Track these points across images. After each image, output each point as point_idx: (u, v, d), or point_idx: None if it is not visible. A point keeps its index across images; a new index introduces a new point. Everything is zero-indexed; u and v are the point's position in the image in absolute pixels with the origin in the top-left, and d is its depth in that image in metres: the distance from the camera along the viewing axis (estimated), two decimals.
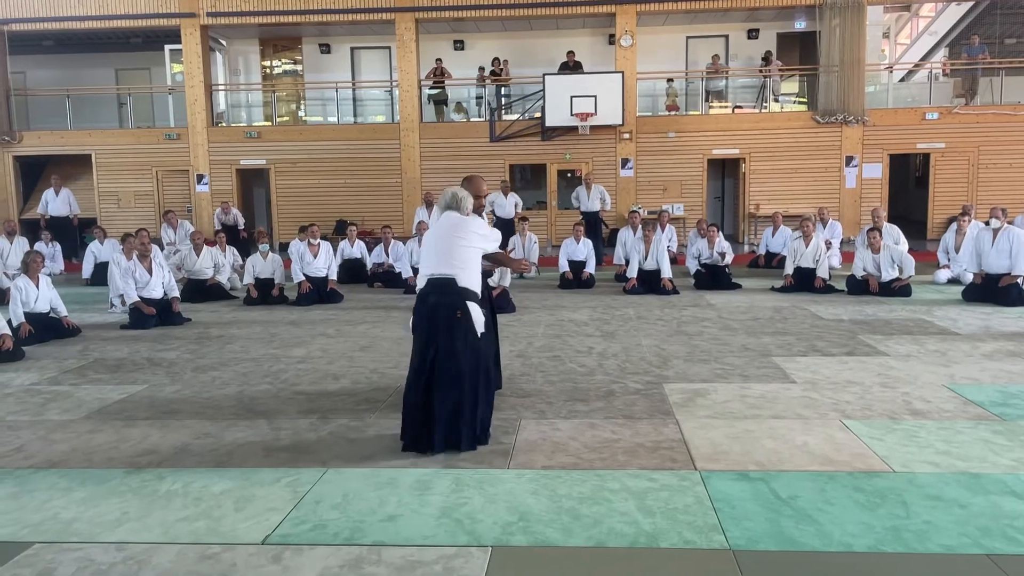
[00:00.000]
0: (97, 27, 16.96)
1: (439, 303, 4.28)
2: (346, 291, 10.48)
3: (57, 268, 12.90)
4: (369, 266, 11.78)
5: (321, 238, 10.52)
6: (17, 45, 17.36)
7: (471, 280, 4.38)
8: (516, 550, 3.16)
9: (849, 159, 15.94)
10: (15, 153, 17.12)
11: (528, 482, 3.84)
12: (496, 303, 8.93)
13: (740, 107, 17.11)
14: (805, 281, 10.05)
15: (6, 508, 3.65)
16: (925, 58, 20.57)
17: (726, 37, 17.96)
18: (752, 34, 17.82)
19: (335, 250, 11.21)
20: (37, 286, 7.78)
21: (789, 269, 10.25)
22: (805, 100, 17.38)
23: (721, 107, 17.19)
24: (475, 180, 5.03)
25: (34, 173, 17.58)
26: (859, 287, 9.72)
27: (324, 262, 10.24)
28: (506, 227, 13.04)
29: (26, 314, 7.56)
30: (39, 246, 12.37)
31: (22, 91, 17.97)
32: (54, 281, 8.30)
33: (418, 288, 4.45)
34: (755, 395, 5.31)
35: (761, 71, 17.11)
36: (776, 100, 17.11)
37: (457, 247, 4.37)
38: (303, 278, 10.02)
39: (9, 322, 7.20)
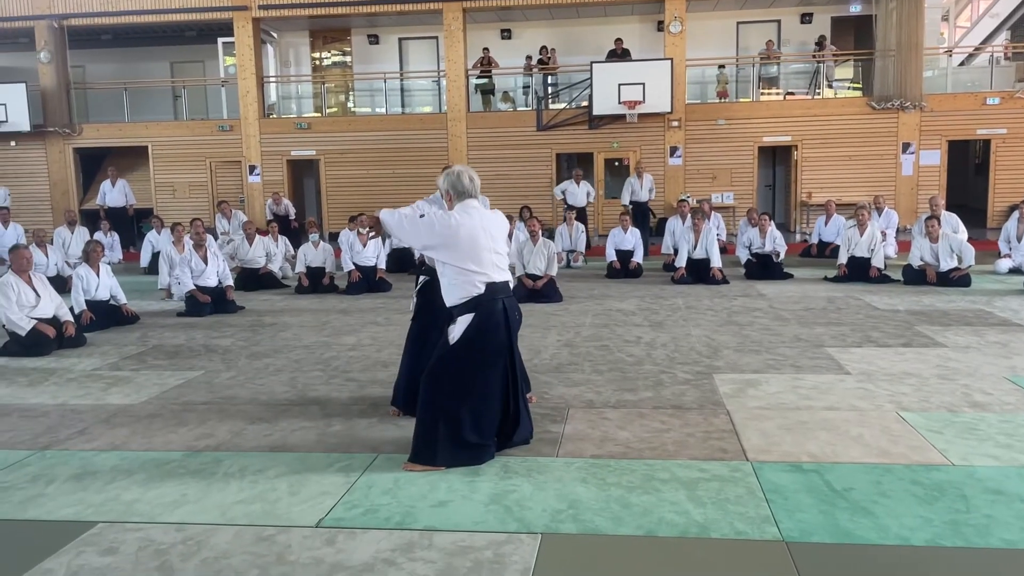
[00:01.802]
0: (153, 21, 17.33)
1: (510, 306, 3.96)
2: (394, 280, 10.57)
3: (115, 257, 13.25)
4: (417, 256, 11.83)
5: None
6: (77, 40, 17.83)
7: None
8: (566, 537, 3.17)
9: (906, 146, 15.53)
10: (75, 145, 17.60)
11: (577, 470, 3.84)
12: (544, 292, 8.97)
13: (792, 93, 16.79)
14: (860, 271, 9.84)
15: (71, 489, 3.78)
16: (986, 41, 19.90)
17: (778, 22, 17.62)
18: (805, 18, 17.46)
19: (384, 240, 11.30)
20: (98, 274, 8.01)
21: (843, 258, 10.05)
22: (860, 86, 16.97)
23: (774, 94, 16.88)
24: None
25: (93, 165, 18.06)
26: (916, 277, 9.48)
27: (373, 251, 10.34)
28: (579, 216, 13.06)
29: (87, 302, 7.79)
30: (98, 236, 12.71)
31: (81, 85, 18.47)
32: (112, 270, 8.53)
33: (463, 293, 3.88)
34: (808, 386, 5.22)
35: (815, 56, 16.75)
36: (830, 86, 16.74)
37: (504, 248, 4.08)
38: (353, 267, 10.14)
39: (71, 309, 7.42)
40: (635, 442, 4.23)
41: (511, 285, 4.08)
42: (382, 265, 10.43)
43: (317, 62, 19.21)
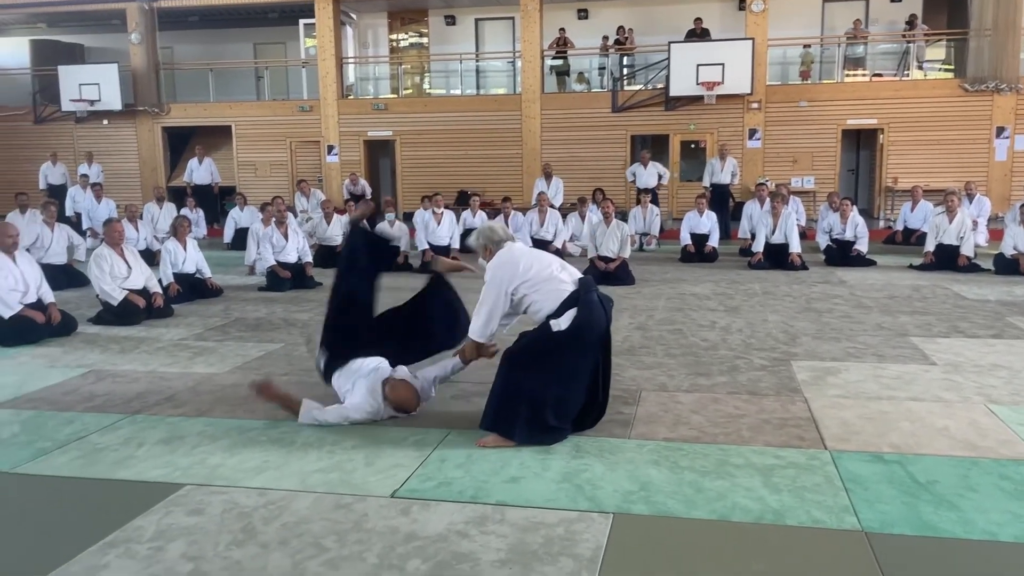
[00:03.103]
0: (238, 3, 17.78)
1: (604, 298, 4.04)
2: (467, 260, 10.61)
3: (200, 233, 13.68)
4: None
5: (444, 207, 10.73)
6: (166, 21, 18.41)
7: None
8: (637, 518, 3.16)
9: (1000, 130, 14.80)
10: (163, 124, 18.22)
11: (649, 453, 3.82)
12: (616, 274, 8.91)
13: (879, 75, 16.17)
14: (947, 259, 9.47)
15: (159, 452, 3.95)
16: None
17: (866, 0, 16.97)
18: None
19: (458, 219, 11.40)
20: (185, 249, 8.30)
21: (930, 246, 9.68)
22: (952, 67, 16.23)
23: (860, 75, 16.28)
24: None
25: (180, 143, 18.67)
26: (1009, 266, 9.06)
27: (448, 231, 10.43)
28: (651, 198, 12.86)
29: (174, 275, 8.09)
30: (185, 211, 13.16)
31: (170, 65, 19.09)
32: (198, 245, 8.83)
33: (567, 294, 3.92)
34: (891, 376, 5.06)
35: (904, 36, 16.09)
36: (920, 67, 16.06)
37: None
38: (427, 246, 10.25)
39: (159, 281, 7.72)
40: (709, 426, 4.18)
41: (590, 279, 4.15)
42: (456, 245, 10.52)
43: (394, 43, 19.40)
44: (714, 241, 10.78)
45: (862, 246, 10.17)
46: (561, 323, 3.87)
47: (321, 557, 2.88)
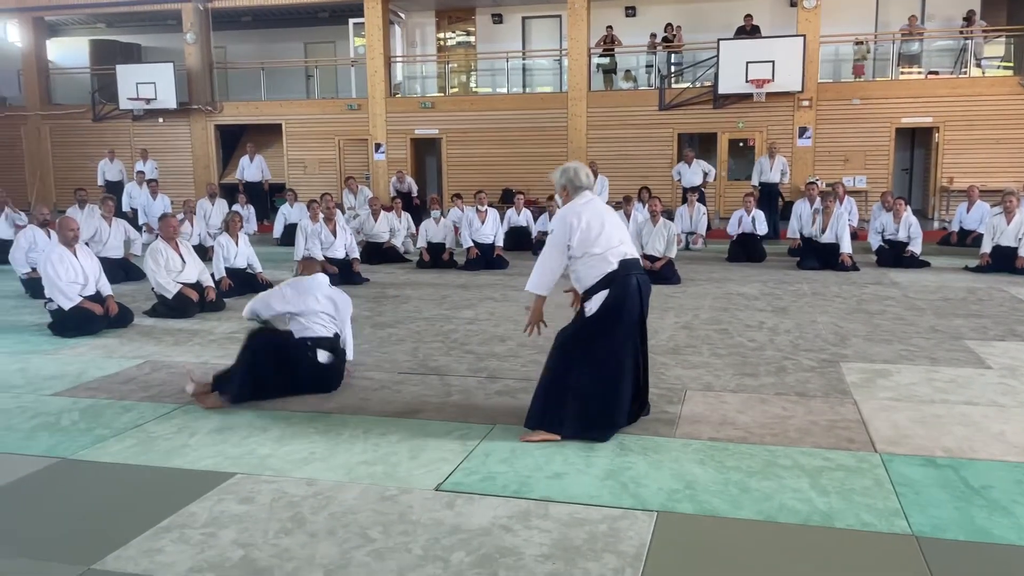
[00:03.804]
0: (289, 3, 18.05)
1: (643, 282, 4.03)
2: (511, 258, 10.67)
3: (251, 229, 13.92)
4: (534, 234, 11.93)
5: (488, 205, 10.78)
6: (219, 21, 18.78)
7: None
8: (682, 517, 3.15)
9: None
10: (216, 122, 18.58)
11: (694, 452, 3.80)
12: (662, 273, 8.85)
13: (935, 72, 15.77)
14: (1005, 261, 9.21)
15: (212, 441, 4.04)
16: None
17: None
18: None
19: (502, 218, 11.44)
20: (236, 244, 8.47)
21: (987, 247, 9.42)
22: (1012, 64, 15.74)
23: (915, 72, 15.90)
24: None
25: (232, 141, 19.03)
26: None
27: (492, 229, 10.48)
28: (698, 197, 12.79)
29: (226, 269, 8.26)
30: (236, 208, 13.43)
31: (223, 65, 19.47)
32: (248, 241, 9.00)
33: (596, 271, 3.94)
34: (944, 379, 4.95)
35: (962, 32, 15.68)
36: (978, 64, 15.62)
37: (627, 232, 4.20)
38: (471, 244, 10.31)
39: (212, 275, 7.89)
40: (755, 427, 4.14)
41: (640, 262, 4.12)
42: (500, 243, 10.55)
43: (442, 42, 19.51)
44: (761, 231, 10.71)
45: (916, 247, 9.95)
46: (591, 306, 3.92)
47: (367, 547, 2.92)
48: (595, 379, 3.91)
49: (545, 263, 4.06)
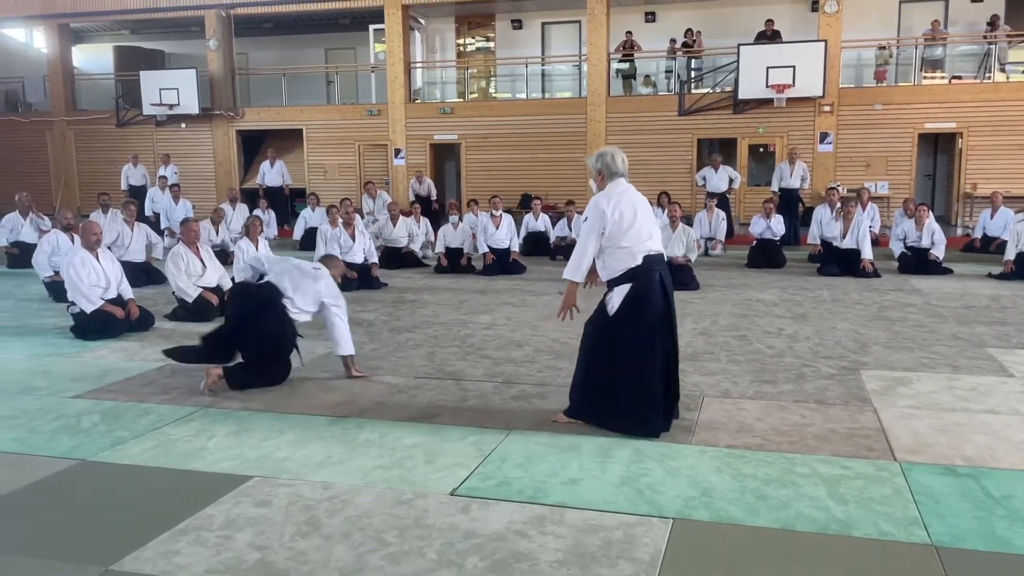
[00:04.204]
0: (311, 9, 18.19)
1: (666, 279, 4.08)
2: (529, 263, 10.67)
3: (271, 233, 14.03)
4: (552, 239, 11.93)
5: (504, 210, 10.80)
6: (241, 28, 18.97)
7: None
8: (698, 524, 3.13)
9: None
10: (237, 128, 18.75)
11: (711, 459, 3.78)
12: (680, 279, 8.80)
13: (959, 77, 15.62)
14: None
15: (229, 444, 4.07)
16: None
17: (946, 1, 16.43)
18: None
19: (520, 223, 11.45)
20: (256, 248, 8.53)
21: (1011, 254, 9.31)
22: None
23: (938, 77, 15.75)
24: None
25: (253, 146, 19.20)
26: None
27: (506, 234, 10.48)
28: (721, 203, 12.75)
29: None
30: (257, 212, 13.52)
31: (245, 71, 19.64)
32: (268, 245, 9.06)
33: (620, 266, 4.02)
34: (966, 387, 4.90)
35: (986, 37, 15.51)
36: (1002, 69, 15.45)
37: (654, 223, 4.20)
38: (487, 249, 10.33)
39: (232, 279, 7.94)
40: (773, 434, 4.10)
41: (665, 258, 4.17)
42: (515, 248, 10.56)
43: (461, 48, 19.58)
44: (778, 232, 10.72)
45: (939, 251, 9.83)
46: (613, 301, 4.02)
47: (382, 551, 2.93)
48: (623, 376, 4.01)
49: (580, 249, 4.13)
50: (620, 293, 4.01)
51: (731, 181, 13.51)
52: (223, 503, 3.35)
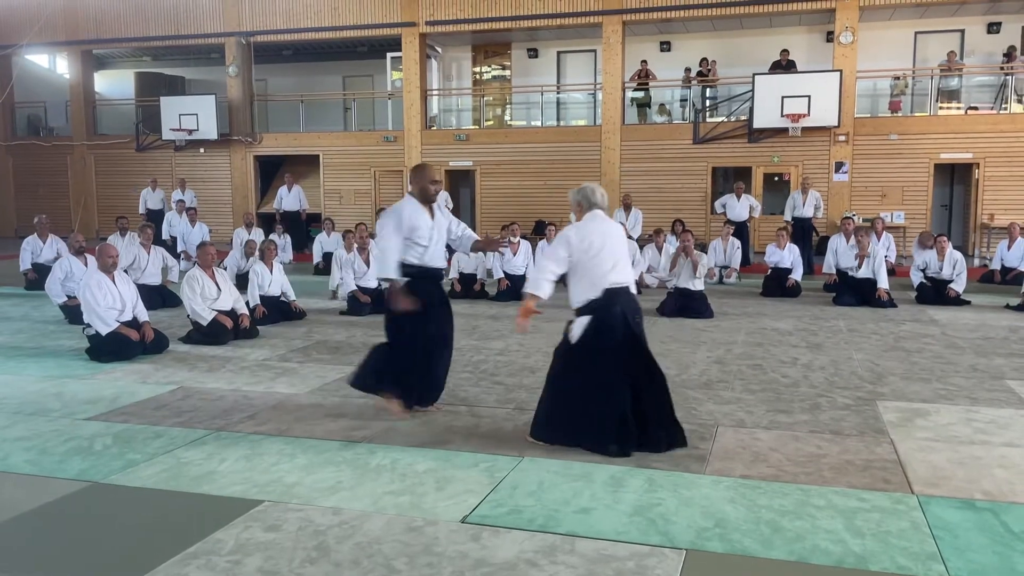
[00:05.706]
0: (329, 37, 18.45)
1: (629, 310, 4.28)
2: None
3: (287, 258, 14.11)
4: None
5: (521, 237, 10.82)
6: (261, 55, 19.25)
7: None
8: (711, 556, 3.09)
9: None
10: (255, 153, 18.97)
11: (725, 489, 3.73)
12: (694, 307, 8.77)
13: (975, 108, 15.60)
14: None
15: (240, 468, 4.06)
16: None
17: (962, 32, 16.47)
18: (993, 28, 16.21)
19: (534, 250, 11.45)
20: (271, 272, 8.58)
21: None
22: None
23: (954, 108, 15.74)
24: (426, 168, 5.30)
25: (271, 171, 19.39)
26: None
27: (523, 261, 10.50)
28: (739, 231, 12.76)
29: (260, 297, 8.36)
30: (273, 236, 13.61)
31: (263, 97, 19.91)
32: (283, 270, 9.10)
33: (587, 297, 4.26)
34: (984, 420, 4.83)
35: (1002, 68, 15.51)
36: (1019, 100, 15.44)
37: (627, 255, 4.47)
38: (503, 275, 10.34)
39: (247, 303, 7.99)
40: (788, 465, 4.05)
41: (632, 290, 4.38)
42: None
43: (478, 76, 19.77)
44: (797, 275, 10.54)
45: (958, 286, 9.71)
46: (575, 332, 4.27)
47: None
48: (581, 399, 4.22)
49: (539, 266, 4.45)
50: (580, 324, 4.25)
51: (751, 210, 13.49)
52: (233, 527, 3.34)
